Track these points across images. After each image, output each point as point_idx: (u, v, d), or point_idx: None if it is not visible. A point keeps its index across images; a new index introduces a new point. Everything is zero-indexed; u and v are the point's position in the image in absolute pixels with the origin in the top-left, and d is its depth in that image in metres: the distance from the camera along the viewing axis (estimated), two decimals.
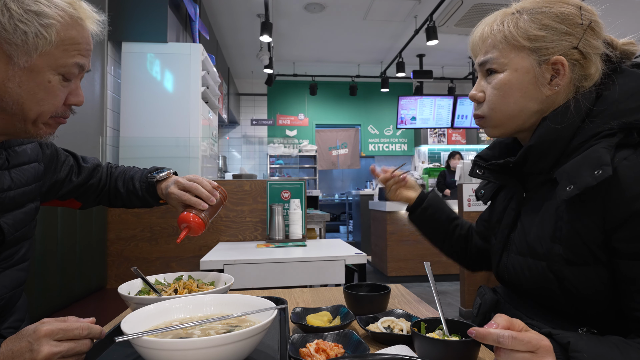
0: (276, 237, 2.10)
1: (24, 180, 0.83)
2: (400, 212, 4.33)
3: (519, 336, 0.52)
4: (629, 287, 0.63)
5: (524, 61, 0.73)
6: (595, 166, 0.63)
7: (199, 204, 0.93)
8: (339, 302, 1.03)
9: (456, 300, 3.63)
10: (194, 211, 0.92)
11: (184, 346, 0.53)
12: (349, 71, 7.17)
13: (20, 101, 0.68)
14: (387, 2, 4.58)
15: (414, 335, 0.65)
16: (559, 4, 0.73)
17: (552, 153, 0.73)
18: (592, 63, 0.72)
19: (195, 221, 0.91)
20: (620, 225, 0.63)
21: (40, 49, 0.66)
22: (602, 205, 0.64)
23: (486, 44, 0.77)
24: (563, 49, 0.71)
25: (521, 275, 0.77)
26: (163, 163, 2.62)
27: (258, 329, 0.58)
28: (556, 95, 0.74)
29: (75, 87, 0.75)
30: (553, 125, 0.72)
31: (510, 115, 0.77)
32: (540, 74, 0.73)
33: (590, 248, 0.66)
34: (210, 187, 0.98)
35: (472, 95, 0.82)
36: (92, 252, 1.93)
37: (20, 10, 0.64)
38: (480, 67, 0.80)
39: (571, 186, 0.65)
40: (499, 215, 0.90)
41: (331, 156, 7.82)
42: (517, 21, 0.74)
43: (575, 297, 0.69)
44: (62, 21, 0.68)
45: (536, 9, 0.73)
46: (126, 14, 2.62)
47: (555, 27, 0.71)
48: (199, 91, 2.72)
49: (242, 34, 5.42)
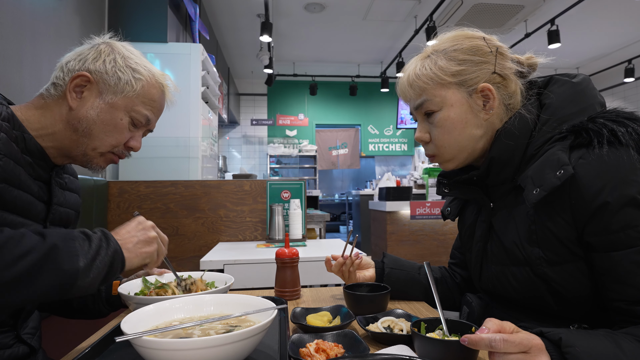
0: (276, 237, 2.10)
1: (70, 203, 0.93)
2: (400, 212, 4.33)
3: (510, 338, 0.53)
4: (605, 278, 0.66)
5: (455, 95, 0.79)
6: (556, 167, 0.68)
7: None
8: (339, 302, 1.03)
9: None
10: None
11: (184, 346, 0.53)
12: (349, 71, 7.17)
13: (91, 127, 0.82)
14: (387, 2, 4.58)
15: (414, 335, 0.66)
16: (466, 39, 0.81)
17: (512, 161, 0.78)
18: (511, 81, 0.80)
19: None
20: (588, 221, 0.67)
21: (125, 93, 0.84)
22: (569, 203, 0.68)
23: (415, 89, 0.82)
24: (485, 76, 0.78)
25: (507, 284, 0.80)
26: (163, 163, 2.63)
27: (258, 329, 0.58)
28: (493, 117, 0.80)
29: (138, 135, 0.90)
30: (507, 139, 0.77)
31: (459, 146, 0.81)
32: (474, 103, 0.79)
33: (566, 245, 0.70)
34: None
35: (418, 138, 0.86)
36: None
37: (123, 63, 0.84)
38: (416, 110, 0.85)
39: (537, 189, 0.69)
40: (469, 229, 0.93)
41: (331, 156, 7.82)
42: (436, 62, 0.80)
43: (564, 297, 0.71)
44: (149, 81, 0.87)
45: (449, 49, 0.80)
46: (126, 14, 2.62)
47: (471, 59, 0.79)
48: (199, 91, 2.72)
49: (242, 34, 5.42)
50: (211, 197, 2.31)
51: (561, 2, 4.37)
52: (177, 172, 2.62)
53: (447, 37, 0.84)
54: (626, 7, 4.66)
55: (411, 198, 4.49)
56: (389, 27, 5.34)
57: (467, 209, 0.98)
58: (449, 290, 1.05)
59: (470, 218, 0.94)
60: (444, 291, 1.05)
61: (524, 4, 4.47)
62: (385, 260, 1.08)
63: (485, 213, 0.87)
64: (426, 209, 4.12)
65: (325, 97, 7.87)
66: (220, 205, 2.32)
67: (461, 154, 0.83)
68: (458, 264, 1.08)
